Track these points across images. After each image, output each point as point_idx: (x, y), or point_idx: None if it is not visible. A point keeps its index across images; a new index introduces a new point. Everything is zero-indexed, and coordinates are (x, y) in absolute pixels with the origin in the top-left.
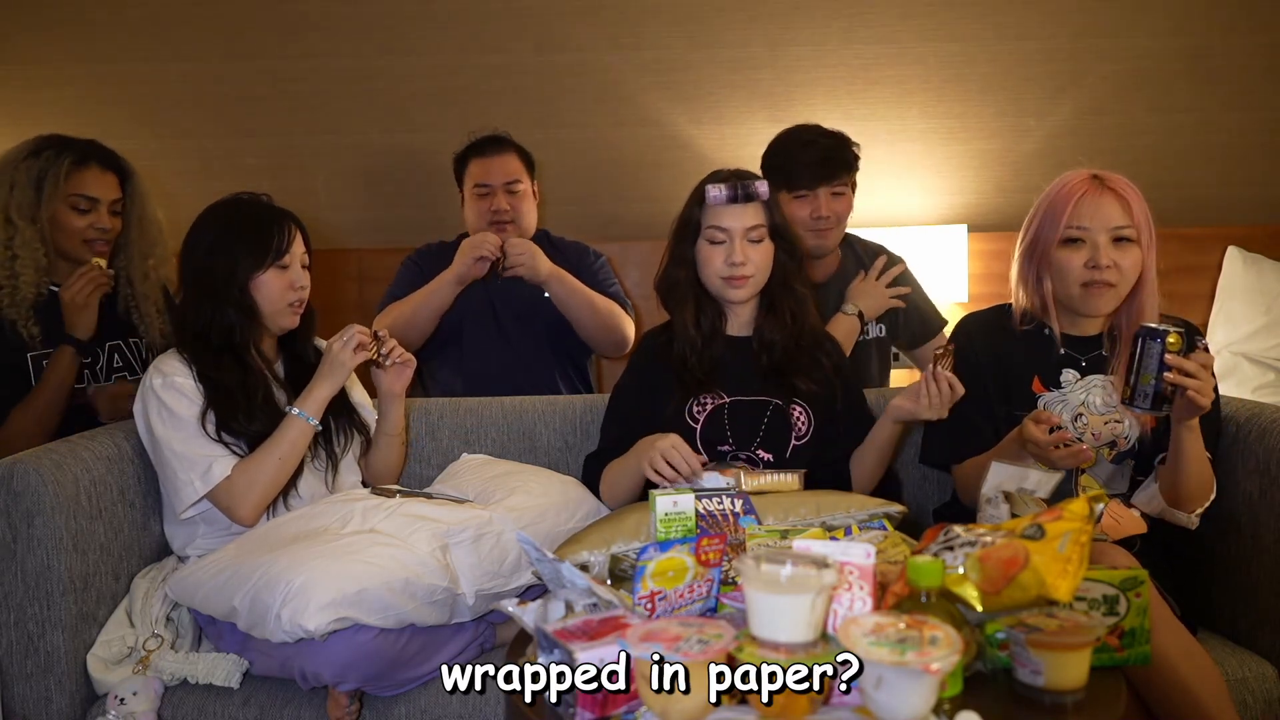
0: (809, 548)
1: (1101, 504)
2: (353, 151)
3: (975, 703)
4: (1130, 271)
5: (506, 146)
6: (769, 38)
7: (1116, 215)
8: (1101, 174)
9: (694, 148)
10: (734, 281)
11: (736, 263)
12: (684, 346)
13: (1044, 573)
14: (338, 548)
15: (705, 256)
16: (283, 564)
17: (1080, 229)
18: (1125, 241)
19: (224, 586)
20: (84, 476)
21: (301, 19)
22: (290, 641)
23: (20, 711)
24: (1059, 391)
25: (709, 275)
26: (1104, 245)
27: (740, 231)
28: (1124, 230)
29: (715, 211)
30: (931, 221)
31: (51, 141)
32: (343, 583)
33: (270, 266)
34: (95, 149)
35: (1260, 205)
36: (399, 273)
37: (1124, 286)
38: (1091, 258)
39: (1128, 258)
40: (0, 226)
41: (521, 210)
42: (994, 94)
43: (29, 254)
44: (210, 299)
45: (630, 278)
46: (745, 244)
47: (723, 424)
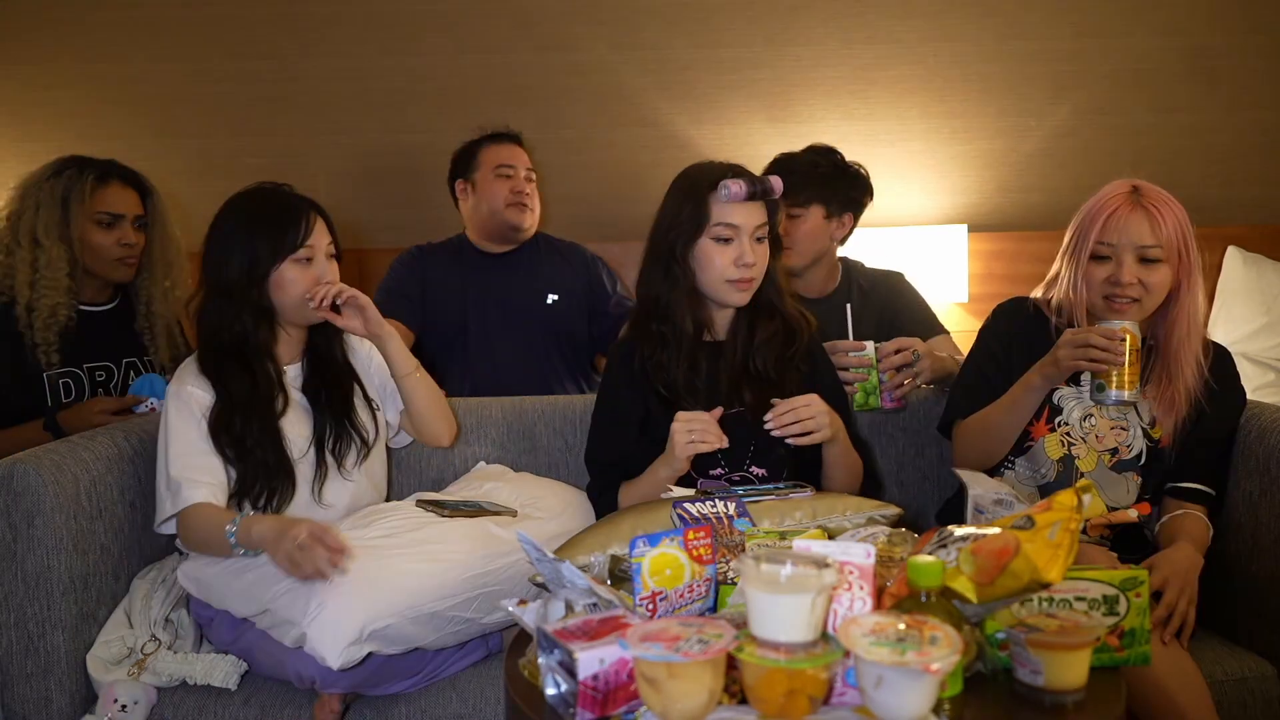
0: (809, 548)
1: (1088, 494)
2: (353, 151)
3: (975, 702)
4: (1157, 288)
5: (521, 142)
6: (769, 38)
7: (1144, 234)
8: (1141, 187)
9: (694, 148)
10: (741, 284)
11: (748, 263)
12: (670, 356)
13: (1035, 558)
14: (376, 566)
15: (707, 256)
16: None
17: (1107, 245)
18: (1152, 261)
19: (251, 588)
20: (84, 476)
21: (302, 19)
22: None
23: (20, 711)
24: (1075, 388)
25: (711, 278)
26: (1128, 264)
27: (750, 229)
28: (1150, 250)
29: (727, 208)
30: (931, 221)
31: (71, 161)
32: (371, 614)
33: (287, 259)
34: (115, 166)
35: (1260, 205)
36: (390, 272)
37: (1150, 301)
38: (1114, 274)
39: (1154, 275)
40: (28, 247)
41: (536, 201)
42: (994, 94)
43: (54, 274)
44: (227, 300)
45: (630, 278)
46: (753, 243)
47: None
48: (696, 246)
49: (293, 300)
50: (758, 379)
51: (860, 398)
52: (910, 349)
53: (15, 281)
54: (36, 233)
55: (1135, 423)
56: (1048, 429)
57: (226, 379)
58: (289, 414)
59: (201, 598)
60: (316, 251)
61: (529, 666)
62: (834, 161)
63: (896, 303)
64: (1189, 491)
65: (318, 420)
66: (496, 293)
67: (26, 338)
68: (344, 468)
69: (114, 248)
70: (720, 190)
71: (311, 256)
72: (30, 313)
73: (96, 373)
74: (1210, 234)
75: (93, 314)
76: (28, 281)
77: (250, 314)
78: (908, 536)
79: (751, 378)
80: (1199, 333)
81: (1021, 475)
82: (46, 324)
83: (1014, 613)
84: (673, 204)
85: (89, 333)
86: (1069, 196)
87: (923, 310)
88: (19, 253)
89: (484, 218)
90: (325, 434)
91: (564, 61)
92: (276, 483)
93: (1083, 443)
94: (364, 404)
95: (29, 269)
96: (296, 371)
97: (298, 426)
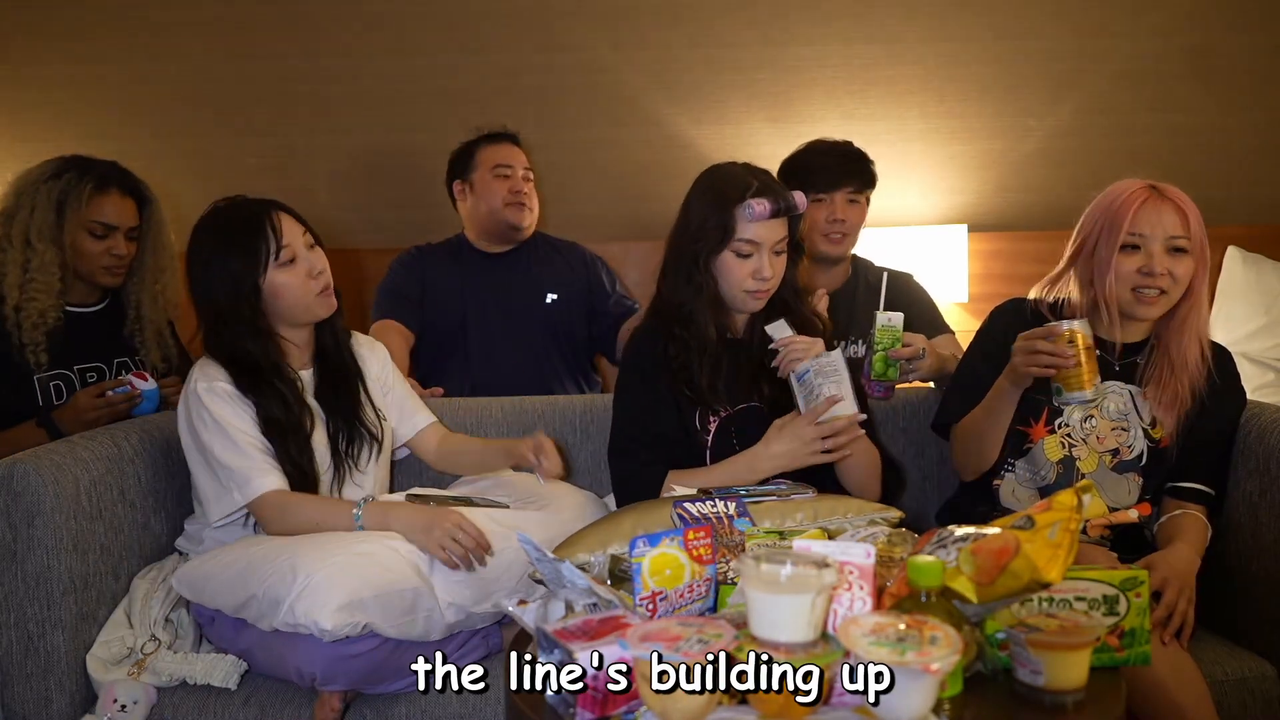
0: (809, 548)
1: (1088, 494)
2: (353, 151)
3: (975, 703)
4: (1183, 280)
5: (518, 142)
6: (769, 38)
7: (1175, 225)
8: (1159, 185)
9: (694, 148)
10: (757, 295)
11: (764, 277)
12: (695, 356)
13: (1035, 558)
14: (356, 550)
15: (728, 268)
16: (301, 557)
17: (1139, 235)
18: (1180, 252)
19: (238, 577)
20: (84, 476)
21: (302, 19)
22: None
23: (20, 711)
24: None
25: (729, 286)
26: (1159, 253)
27: (770, 244)
28: (1179, 241)
29: (751, 225)
30: (931, 221)
31: (73, 163)
32: (359, 584)
33: (270, 267)
34: (116, 172)
35: (1260, 205)
36: (390, 273)
37: (1176, 293)
38: (1146, 264)
39: (1181, 266)
40: (19, 248)
41: (534, 200)
42: (994, 94)
43: (45, 277)
44: (225, 327)
45: (630, 278)
46: (772, 256)
47: (729, 438)
48: (719, 258)
49: (292, 302)
50: (773, 375)
51: (879, 366)
52: (917, 345)
53: (4, 282)
54: (29, 235)
55: (1136, 423)
56: (1047, 431)
57: (263, 400)
58: (313, 428)
59: (196, 600)
60: (296, 248)
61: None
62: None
63: (903, 300)
64: (1188, 491)
65: (331, 424)
66: (496, 293)
67: (14, 338)
68: (359, 469)
69: (103, 256)
70: (745, 209)
71: (294, 256)
72: (19, 313)
73: (88, 374)
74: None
75: (82, 315)
76: (17, 283)
77: (250, 335)
78: (908, 536)
79: (768, 374)
80: (1204, 329)
81: (1022, 477)
82: (35, 325)
83: (1014, 613)
84: (698, 211)
85: (78, 334)
86: (1068, 196)
87: (930, 309)
88: (10, 253)
89: (482, 218)
90: (340, 437)
91: (564, 61)
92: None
93: (1084, 444)
94: (368, 401)
95: (19, 270)
96: (309, 377)
97: (318, 435)
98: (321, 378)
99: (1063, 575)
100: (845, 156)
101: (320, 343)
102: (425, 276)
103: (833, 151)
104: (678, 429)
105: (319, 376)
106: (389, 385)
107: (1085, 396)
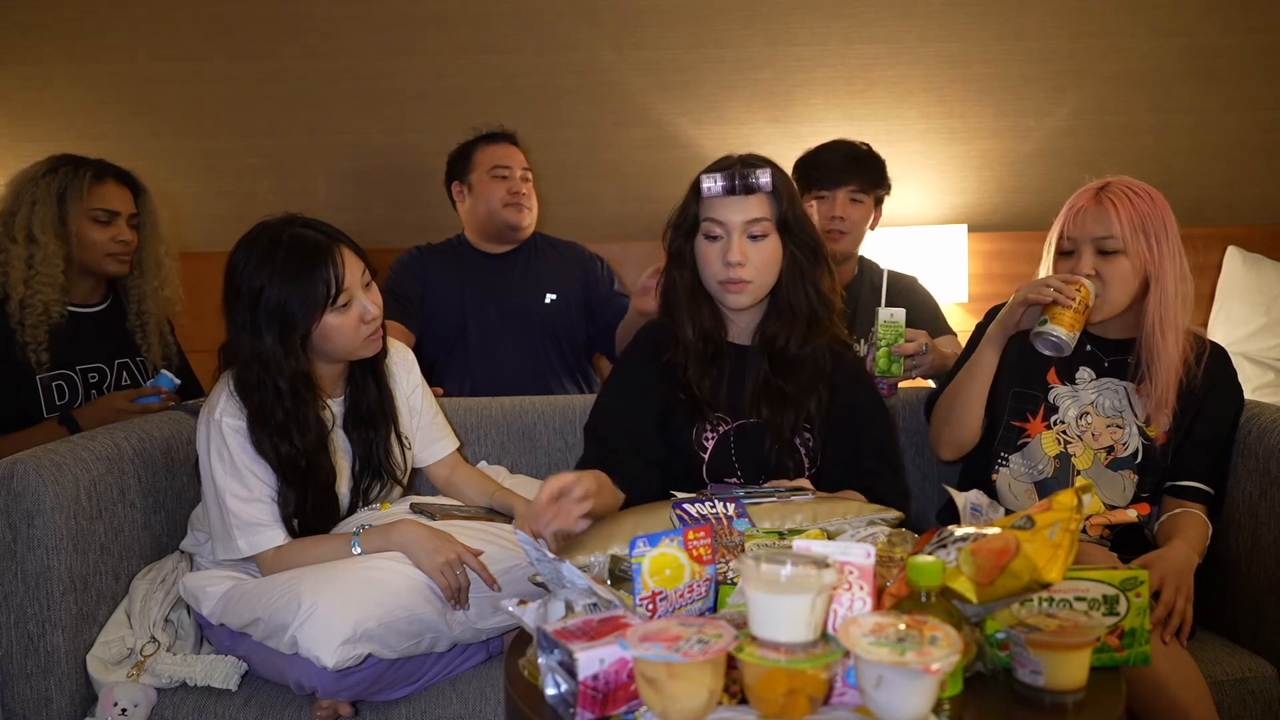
0: (809, 548)
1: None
2: (353, 151)
3: (975, 703)
4: (1116, 279)
5: (516, 142)
6: (769, 38)
7: (1099, 227)
8: (1111, 182)
9: (694, 148)
10: (730, 286)
11: (732, 261)
12: (685, 358)
13: (1035, 558)
14: (363, 575)
15: (703, 254)
16: (306, 583)
17: (1070, 240)
18: (1110, 253)
19: (243, 599)
20: (84, 476)
21: (301, 19)
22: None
23: (20, 711)
24: (1072, 386)
25: (708, 277)
26: (1086, 257)
27: (739, 226)
28: (1105, 242)
29: (711, 203)
30: (931, 221)
31: (65, 159)
32: (362, 613)
33: (326, 311)
34: (108, 165)
35: (1260, 205)
36: (390, 273)
37: (1111, 294)
38: (1074, 268)
39: (1111, 267)
40: (23, 243)
41: (533, 200)
42: (994, 94)
43: (49, 270)
44: (265, 371)
45: (630, 278)
46: (744, 240)
47: (729, 454)
48: (694, 245)
49: (339, 345)
50: (774, 396)
51: (883, 363)
52: (920, 340)
53: (9, 278)
54: (32, 228)
55: (1131, 421)
56: (1044, 426)
57: (280, 453)
58: (336, 463)
59: (200, 611)
60: (354, 290)
61: (529, 667)
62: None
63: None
64: (1188, 490)
65: (355, 463)
66: (495, 293)
67: (18, 336)
68: (369, 502)
69: (109, 244)
70: (703, 185)
71: (349, 300)
72: (23, 309)
73: (89, 374)
74: (1210, 234)
75: (83, 315)
76: (22, 278)
77: (286, 380)
78: (908, 536)
79: (771, 391)
80: (1178, 328)
81: (1017, 472)
82: (38, 321)
83: (1014, 613)
84: (683, 199)
85: (80, 334)
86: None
87: (933, 311)
88: (13, 249)
89: (481, 218)
90: (363, 475)
91: (564, 61)
92: (315, 526)
93: (1079, 441)
94: (398, 442)
95: (23, 265)
96: (339, 406)
97: (341, 468)
98: (352, 410)
99: (1063, 575)
100: (851, 156)
101: (352, 371)
102: (425, 277)
103: (839, 150)
104: (653, 427)
105: (349, 405)
106: (416, 408)
107: (1061, 336)
